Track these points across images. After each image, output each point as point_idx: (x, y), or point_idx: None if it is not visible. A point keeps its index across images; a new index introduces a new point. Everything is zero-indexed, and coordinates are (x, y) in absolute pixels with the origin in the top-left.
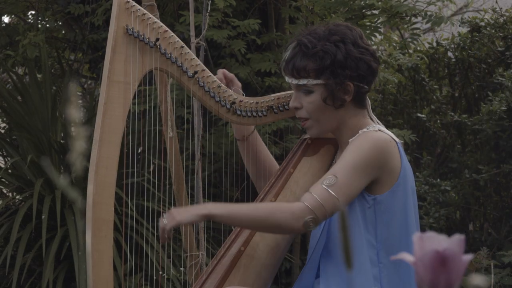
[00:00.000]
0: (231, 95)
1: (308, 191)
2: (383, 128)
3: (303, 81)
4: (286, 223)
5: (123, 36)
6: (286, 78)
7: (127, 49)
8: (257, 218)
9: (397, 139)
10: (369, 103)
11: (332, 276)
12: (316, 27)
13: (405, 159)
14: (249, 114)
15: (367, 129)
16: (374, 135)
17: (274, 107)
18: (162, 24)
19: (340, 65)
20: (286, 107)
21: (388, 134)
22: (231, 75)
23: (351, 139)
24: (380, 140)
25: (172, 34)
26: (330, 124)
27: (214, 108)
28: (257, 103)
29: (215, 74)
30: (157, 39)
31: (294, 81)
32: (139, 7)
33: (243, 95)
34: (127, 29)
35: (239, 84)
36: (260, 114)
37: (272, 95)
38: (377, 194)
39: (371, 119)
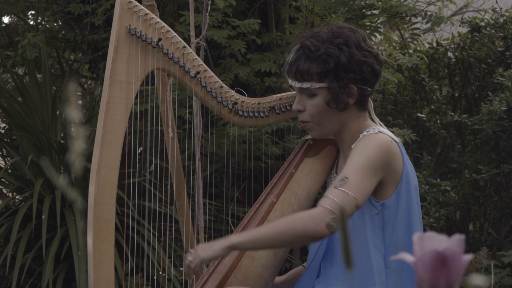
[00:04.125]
0: (233, 95)
1: (324, 195)
2: (382, 129)
3: (306, 85)
4: (308, 228)
5: (125, 36)
6: (289, 81)
7: (130, 49)
8: (279, 233)
9: (397, 139)
10: (371, 104)
11: (334, 279)
12: (319, 30)
13: (406, 159)
14: (251, 114)
15: (367, 131)
16: (376, 136)
17: (276, 107)
18: (164, 24)
19: (344, 68)
20: (288, 107)
21: (388, 135)
22: None
23: (353, 145)
24: (383, 141)
25: (175, 34)
26: (332, 127)
27: (216, 108)
28: (259, 103)
29: (215, 74)
30: (160, 39)
31: (298, 84)
32: (142, 7)
33: (245, 95)
34: (129, 29)
35: None
36: (262, 114)
37: (274, 95)
38: (383, 198)
39: (373, 120)
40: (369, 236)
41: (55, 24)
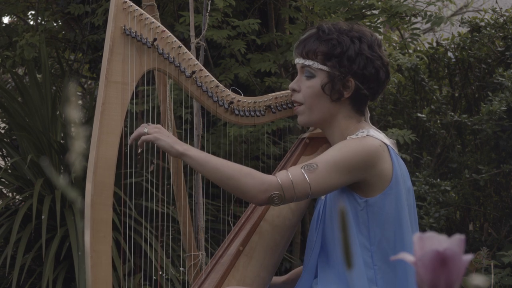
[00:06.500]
0: (229, 94)
1: (288, 168)
2: (372, 132)
3: (309, 62)
4: (253, 190)
5: (120, 36)
6: (295, 60)
7: (125, 50)
8: (225, 176)
9: (387, 142)
10: (369, 115)
11: (331, 279)
12: (342, 22)
13: (397, 161)
14: (247, 113)
15: (356, 135)
16: (362, 139)
17: (272, 106)
18: (159, 24)
19: (349, 58)
20: (284, 106)
21: (377, 139)
22: None
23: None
24: (368, 145)
25: (170, 34)
26: (321, 115)
27: (212, 108)
28: (255, 102)
29: (214, 74)
30: (155, 39)
31: (301, 61)
32: (137, 7)
33: (241, 95)
34: (124, 29)
35: None
36: (258, 113)
37: (270, 94)
38: (368, 196)
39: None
40: (354, 232)
41: (55, 24)
